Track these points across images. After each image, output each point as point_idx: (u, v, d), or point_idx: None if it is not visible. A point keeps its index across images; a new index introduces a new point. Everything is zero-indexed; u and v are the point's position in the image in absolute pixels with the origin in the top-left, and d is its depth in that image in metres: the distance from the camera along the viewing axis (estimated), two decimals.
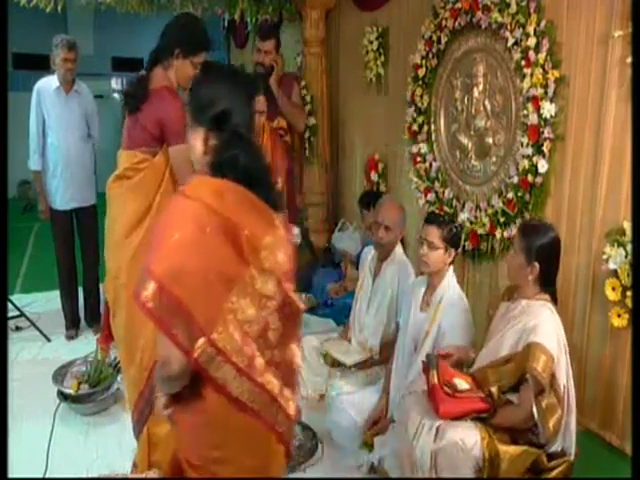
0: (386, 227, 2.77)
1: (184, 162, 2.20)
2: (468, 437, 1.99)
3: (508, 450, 2.00)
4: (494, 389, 2.06)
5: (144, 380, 2.24)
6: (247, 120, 1.46)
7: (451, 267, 2.53)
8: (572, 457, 2.08)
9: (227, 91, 1.44)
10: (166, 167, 2.23)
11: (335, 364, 2.94)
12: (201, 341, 1.24)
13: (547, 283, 2.14)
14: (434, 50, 3.54)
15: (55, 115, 3.68)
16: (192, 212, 1.30)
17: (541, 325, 2.02)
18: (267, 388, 1.36)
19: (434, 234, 2.44)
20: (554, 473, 2.03)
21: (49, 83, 3.70)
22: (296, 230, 2.93)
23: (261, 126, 3.00)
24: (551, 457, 2.05)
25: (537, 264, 2.09)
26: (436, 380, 2.10)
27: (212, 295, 1.27)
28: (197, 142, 1.44)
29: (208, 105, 1.42)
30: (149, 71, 2.29)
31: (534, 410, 1.99)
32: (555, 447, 2.06)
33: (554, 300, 2.16)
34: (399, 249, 2.87)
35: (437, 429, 2.03)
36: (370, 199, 3.93)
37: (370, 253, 3.00)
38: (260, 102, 2.88)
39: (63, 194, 3.77)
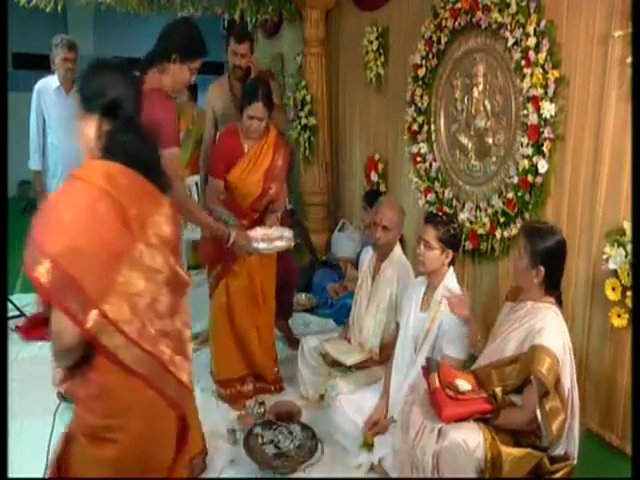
0: (384, 227, 2.77)
1: (178, 167, 2.22)
2: (471, 438, 1.98)
3: (511, 452, 1.99)
4: (498, 390, 2.05)
5: None
6: (136, 107, 1.60)
7: (451, 267, 2.52)
8: (575, 461, 2.07)
9: (118, 80, 1.58)
10: None
11: (335, 364, 2.94)
12: (93, 312, 1.34)
13: (552, 286, 2.13)
14: (434, 50, 3.54)
15: (55, 115, 3.68)
16: (84, 193, 1.41)
17: (547, 328, 2.01)
18: (158, 357, 1.47)
19: (430, 234, 2.44)
20: (556, 476, 2.02)
21: (49, 83, 3.70)
22: (289, 232, 2.90)
23: (262, 131, 2.96)
24: (554, 460, 2.04)
25: (542, 268, 2.08)
26: (437, 383, 2.09)
27: (103, 270, 1.38)
28: (90, 128, 1.54)
29: (101, 93, 1.53)
30: (143, 74, 2.26)
31: (538, 413, 1.98)
32: (558, 450, 2.05)
33: (559, 303, 2.15)
34: (398, 249, 2.87)
35: (439, 430, 2.03)
36: (373, 199, 3.94)
37: (369, 253, 3.00)
38: (258, 109, 2.85)
39: None
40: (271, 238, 2.73)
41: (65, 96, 3.69)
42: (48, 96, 3.68)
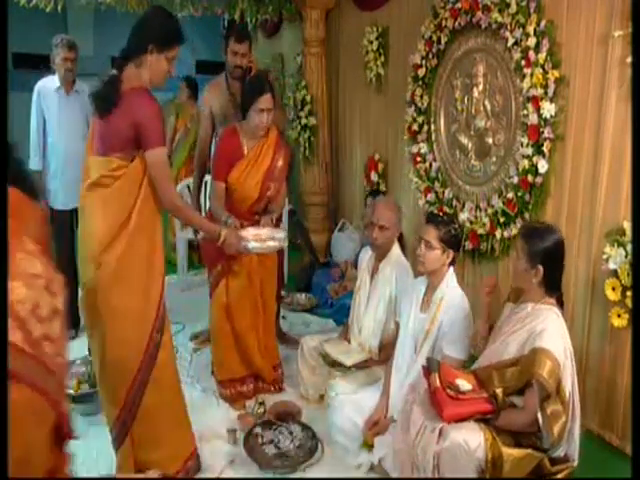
0: (381, 227, 2.76)
1: (162, 167, 2.16)
2: (472, 438, 1.98)
3: (512, 453, 1.98)
4: (498, 390, 2.05)
5: (127, 387, 2.21)
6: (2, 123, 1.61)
7: (451, 267, 2.52)
8: (575, 463, 2.07)
9: None
10: (144, 172, 2.14)
11: (335, 364, 2.94)
12: None
13: (552, 287, 2.12)
14: (434, 50, 3.54)
15: (55, 115, 3.68)
16: None
17: (548, 330, 2.01)
18: (42, 360, 1.50)
19: (431, 234, 2.44)
20: (556, 478, 2.02)
21: (49, 83, 3.69)
22: (282, 233, 2.84)
23: (267, 125, 2.94)
24: (554, 461, 2.04)
25: (541, 268, 2.08)
26: (438, 383, 2.09)
27: None
28: None
29: None
30: (121, 71, 2.17)
31: (539, 416, 1.98)
32: (558, 452, 2.05)
33: (560, 304, 2.14)
34: (396, 249, 2.86)
35: (440, 430, 2.02)
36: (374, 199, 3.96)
37: (368, 253, 3.00)
38: (268, 100, 2.84)
39: (64, 194, 3.76)
40: (263, 238, 2.70)
41: (66, 96, 3.69)
42: (48, 96, 3.67)
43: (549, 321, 2.04)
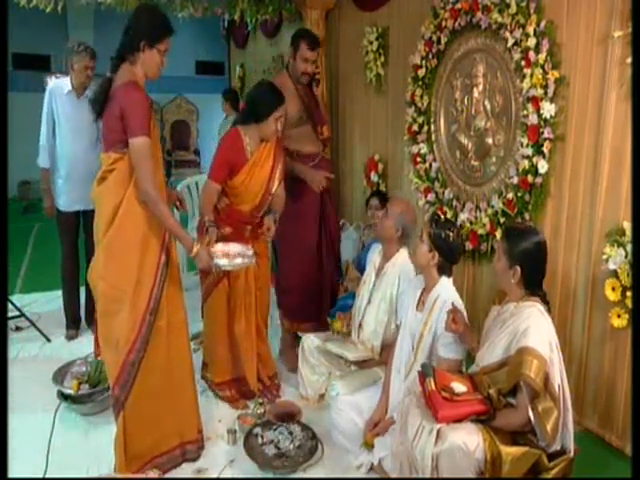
0: (386, 215, 2.80)
1: (143, 157, 2.21)
2: (470, 440, 1.98)
3: (510, 451, 1.98)
4: (492, 391, 2.06)
5: (120, 364, 2.30)
6: None
7: (447, 278, 2.49)
8: (571, 454, 2.07)
9: None
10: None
11: (336, 363, 2.94)
12: None
13: (532, 286, 2.13)
14: (434, 50, 3.54)
15: (66, 119, 3.67)
16: None
17: (531, 327, 2.02)
18: None
19: (426, 229, 2.47)
20: (555, 471, 2.02)
21: (61, 85, 3.68)
22: (250, 250, 2.68)
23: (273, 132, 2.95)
24: (551, 457, 2.04)
25: (519, 267, 2.09)
26: (433, 386, 2.10)
27: None
28: None
29: None
30: (115, 71, 2.29)
31: (530, 415, 1.98)
32: (555, 446, 2.05)
33: (545, 302, 2.14)
34: (404, 252, 2.86)
35: (438, 432, 2.02)
36: (377, 199, 3.98)
37: (377, 249, 3.00)
38: (284, 109, 2.91)
39: (66, 196, 3.77)
40: (231, 254, 2.58)
41: (77, 100, 3.68)
42: (60, 98, 3.66)
43: (532, 318, 2.05)
